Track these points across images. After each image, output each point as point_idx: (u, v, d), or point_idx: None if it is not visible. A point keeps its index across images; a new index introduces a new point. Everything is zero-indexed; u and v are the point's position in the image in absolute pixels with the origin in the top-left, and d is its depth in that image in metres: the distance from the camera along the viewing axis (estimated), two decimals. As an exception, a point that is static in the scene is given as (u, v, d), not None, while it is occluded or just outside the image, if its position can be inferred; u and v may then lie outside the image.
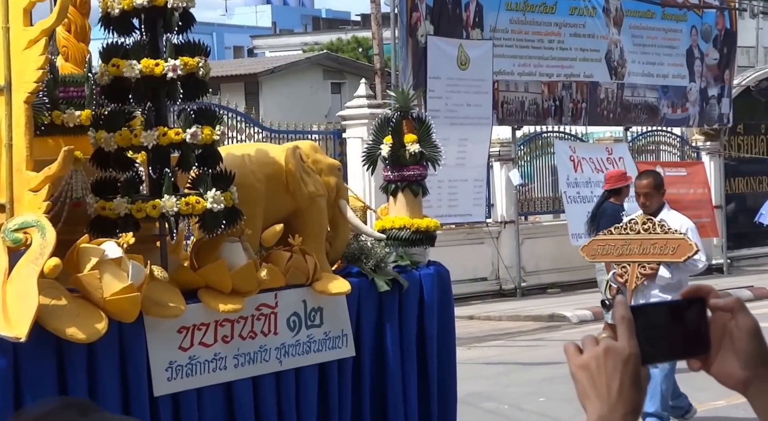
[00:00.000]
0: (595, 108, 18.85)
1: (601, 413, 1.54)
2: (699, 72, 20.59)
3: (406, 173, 6.90)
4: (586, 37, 18.63)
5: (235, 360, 5.74)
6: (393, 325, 6.57)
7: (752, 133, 22.15)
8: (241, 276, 5.63)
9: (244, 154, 6.13)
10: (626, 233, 8.45)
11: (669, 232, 8.26)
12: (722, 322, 1.61)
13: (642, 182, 8.67)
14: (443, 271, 7.06)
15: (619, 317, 1.57)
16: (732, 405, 8.90)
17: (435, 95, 16.20)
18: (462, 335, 14.54)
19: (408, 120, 6.97)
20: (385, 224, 6.93)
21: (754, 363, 1.60)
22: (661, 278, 8.27)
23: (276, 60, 39.63)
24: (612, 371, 1.54)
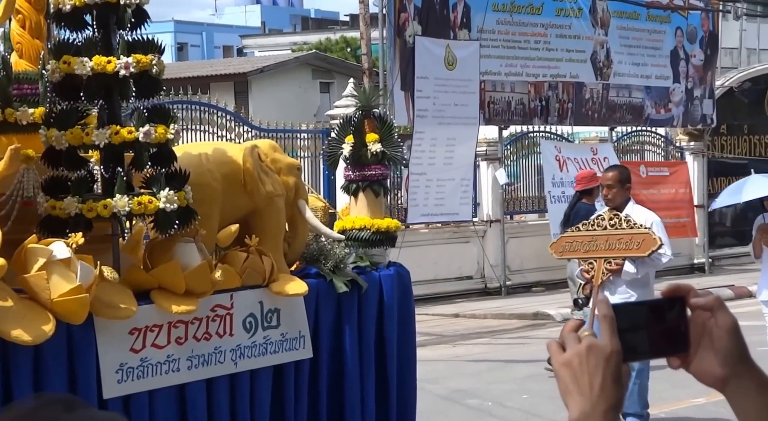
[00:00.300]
0: (580, 108, 18.97)
1: (583, 409, 1.56)
2: (684, 73, 20.71)
3: (368, 173, 6.80)
4: (571, 38, 18.75)
5: (189, 362, 5.64)
6: (351, 326, 6.48)
7: (735, 134, 22.32)
8: (194, 277, 5.52)
9: (201, 154, 6.00)
10: (593, 229, 8.42)
11: (634, 227, 8.24)
12: (702, 320, 1.63)
13: (607, 175, 8.71)
14: (404, 272, 6.97)
15: (601, 315, 1.59)
16: (711, 402, 8.99)
17: (423, 95, 16.29)
18: (447, 333, 14.63)
19: (370, 119, 6.86)
20: (346, 225, 6.83)
21: (733, 361, 1.62)
22: (627, 274, 8.24)
23: (265, 59, 39.73)
24: (594, 368, 1.56)
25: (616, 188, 8.50)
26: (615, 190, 8.50)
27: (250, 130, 17.12)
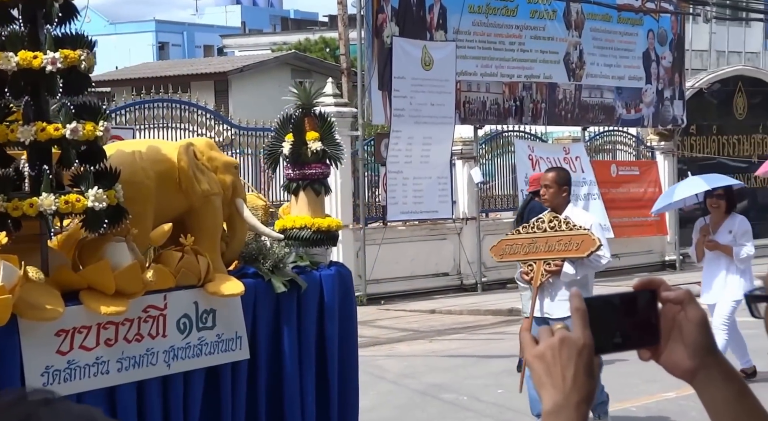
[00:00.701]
0: (553, 108, 19.15)
1: (556, 400, 1.58)
2: (655, 74, 20.92)
3: (308, 172, 6.66)
4: (545, 39, 18.95)
5: (119, 364, 5.47)
6: (291, 326, 6.33)
7: (704, 134, 22.54)
8: (125, 277, 5.35)
9: (135, 151, 5.81)
10: (533, 231, 8.36)
11: (574, 228, 8.15)
12: (672, 313, 1.65)
13: (546, 175, 8.61)
14: (345, 271, 6.83)
15: (573, 308, 1.61)
16: (681, 396, 9.10)
17: (400, 95, 16.43)
18: (424, 328, 14.73)
19: (310, 117, 6.71)
20: (286, 224, 6.67)
21: (701, 353, 1.64)
22: (566, 275, 8.15)
23: (245, 59, 39.88)
24: (566, 360, 1.58)
25: (553, 189, 8.41)
26: (552, 190, 8.41)
27: (230, 128, 17.24)
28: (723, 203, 10.23)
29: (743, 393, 1.64)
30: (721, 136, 22.88)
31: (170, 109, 16.31)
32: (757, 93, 23.70)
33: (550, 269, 8.18)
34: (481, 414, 9.33)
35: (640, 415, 9.28)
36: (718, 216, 10.28)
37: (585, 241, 8.05)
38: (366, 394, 10.42)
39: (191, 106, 16.69)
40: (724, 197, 10.24)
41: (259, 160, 18.13)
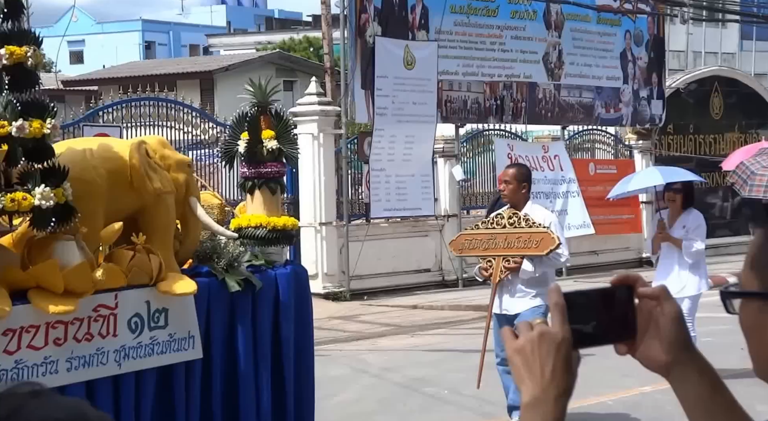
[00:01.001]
0: (534, 107, 19.25)
1: (535, 394, 1.58)
2: (632, 74, 21.06)
3: (263, 170, 6.56)
4: (525, 39, 19.05)
5: (68, 364, 5.36)
6: (245, 326, 6.24)
7: (681, 133, 22.71)
8: (74, 276, 5.25)
9: (86, 149, 5.67)
10: (492, 227, 8.27)
11: (533, 225, 8.09)
12: (648, 309, 1.65)
13: (507, 171, 8.51)
14: (301, 270, 6.73)
15: (552, 303, 1.61)
16: (657, 390, 9.09)
17: (382, 94, 16.46)
18: (406, 324, 14.70)
19: (266, 115, 6.60)
20: (242, 222, 6.56)
21: (676, 348, 1.65)
22: (525, 272, 8.09)
23: (231, 58, 39.97)
24: (545, 355, 1.58)
25: (512, 185, 8.31)
26: (512, 186, 8.31)
27: (216, 126, 17.32)
28: (679, 198, 10.18)
29: (717, 388, 1.65)
30: (698, 136, 23.06)
31: (157, 108, 16.36)
32: (733, 93, 23.85)
33: (509, 265, 8.11)
34: (461, 407, 9.38)
35: (616, 408, 9.31)
36: (674, 210, 10.25)
37: (544, 239, 8.00)
38: (349, 387, 10.50)
39: (177, 105, 16.74)
40: (681, 192, 10.20)
41: (244, 158, 18.28)
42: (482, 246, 8.28)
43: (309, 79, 18.35)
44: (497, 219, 8.30)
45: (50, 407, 1.34)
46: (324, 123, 17.30)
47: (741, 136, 23.84)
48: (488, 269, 8.20)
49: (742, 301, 1.55)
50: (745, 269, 1.55)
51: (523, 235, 8.06)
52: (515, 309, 8.16)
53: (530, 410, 1.59)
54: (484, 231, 8.32)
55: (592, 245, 20.32)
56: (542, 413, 1.58)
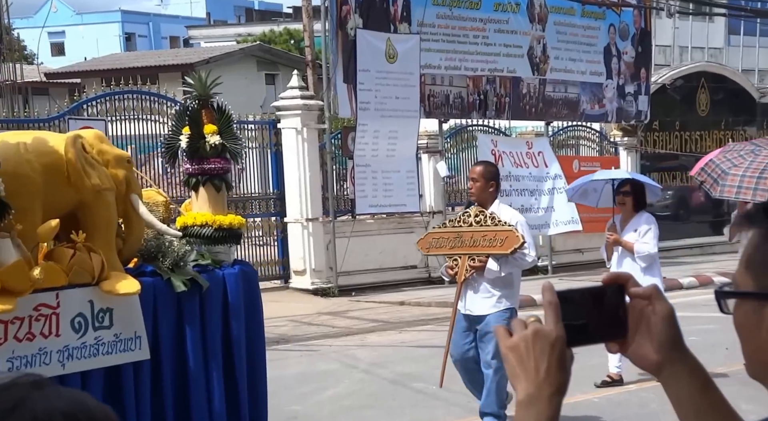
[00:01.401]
0: (517, 103, 19.14)
1: (529, 392, 1.59)
2: (616, 69, 20.92)
3: (207, 167, 6.35)
4: (509, 33, 18.92)
5: (9, 363, 5.27)
6: (194, 327, 6.12)
7: (667, 130, 22.64)
8: (10, 274, 5.12)
9: (20, 143, 5.46)
10: (459, 225, 8.16)
11: (499, 224, 7.98)
12: (640, 307, 1.67)
13: (475, 169, 8.34)
14: (249, 270, 6.59)
15: (546, 301, 1.62)
16: (643, 388, 9.18)
17: (365, 88, 16.36)
18: (393, 320, 14.80)
19: (208, 110, 6.36)
20: (187, 221, 6.36)
21: (668, 347, 1.66)
22: (490, 271, 7.97)
23: (211, 50, 39.79)
24: (540, 353, 1.59)
25: (480, 183, 8.15)
26: (479, 184, 8.15)
27: (197, 120, 17.26)
28: (630, 200, 9.93)
29: (708, 387, 1.66)
30: (684, 132, 23.04)
31: (140, 101, 16.34)
32: (720, 89, 23.82)
33: (474, 264, 8.00)
34: (449, 403, 9.42)
35: (602, 405, 9.34)
36: (625, 213, 10.01)
37: (509, 237, 7.89)
38: (340, 382, 10.69)
39: (159, 98, 16.71)
40: (631, 194, 9.94)
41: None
42: (449, 245, 8.19)
43: (290, 73, 18.28)
44: (464, 217, 8.19)
45: (53, 398, 1.36)
46: (307, 117, 17.25)
47: (727, 133, 23.79)
48: (454, 268, 8.10)
49: (737, 301, 1.54)
50: (740, 268, 1.54)
51: (489, 233, 7.97)
52: (479, 310, 8.07)
53: (525, 408, 1.59)
54: (450, 230, 8.23)
55: (577, 243, 20.24)
56: (536, 412, 1.58)
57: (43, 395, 1.37)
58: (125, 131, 16.21)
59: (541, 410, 1.59)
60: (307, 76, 20.23)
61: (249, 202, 17.61)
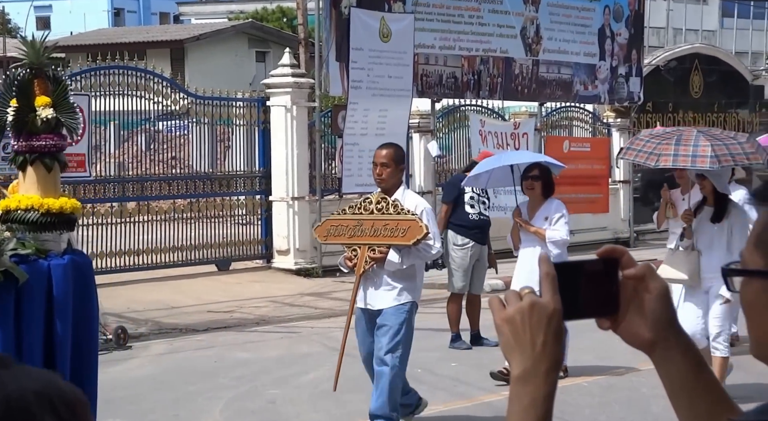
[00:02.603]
0: (510, 83, 19.12)
1: (525, 366, 1.55)
2: (610, 51, 20.91)
3: (36, 143, 5.71)
4: (502, 13, 18.88)
5: None
6: (6, 325, 5.53)
7: (660, 111, 22.67)
8: None
9: None
10: (359, 212, 7.62)
11: (402, 212, 7.44)
12: (632, 284, 1.64)
13: (381, 152, 7.73)
14: (82, 260, 5.95)
15: (543, 273, 1.58)
16: (633, 373, 9.17)
17: (357, 66, 16.27)
18: None
19: (41, 79, 5.74)
20: (11, 204, 5.72)
21: (661, 325, 1.63)
22: (390, 263, 7.46)
23: (202, 27, 39.60)
24: (536, 326, 1.55)
25: (390, 168, 7.61)
26: (389, 169, 7.61)
27: (186, 97, 17.15)
28: (538, 185, 9.45)
29: (700, 367, 1.64)
30: (677, 114, 23.03)
31: (126, 76, 16.16)
32: (713, 71, 23.85)
33: (374, 255, 7.47)
34: (434, 387, 9.37)
35: (592, 389, 9.35)
36: (534, 200, 9.56)
37: (412, 227, 7.34)
38: (322, 365, 10.57)
39: (147, 74, 16.55)
40: (539, 179, 9.45)
41: (215, 130, 18.03)
42: (348, 233, 7.64)
43: (282, 51, 18.22)
44: (365, 204, 7.66)
45: (23, 379, 1.36)
46: (297, 95, 17.22)
47: (720, 116, 23.77)
48: (353, 259, 7.57)
49: (745, 279, 1.50)
50: (748, 246, 1.50)
51: (391, 222, 7.42)
52: (379, 304, 7.60)
53: (521, 384, 1.55)
54: (350, 217, 7.67)
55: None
56: (533, 387, 1.54)
57: (13, 375, 1.36)
58: (109, 107, 16.04)
59: (538, 386, 1.54)
60: (299, 54, 20.11)
61: (233, 180, 17.53)
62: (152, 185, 16.56)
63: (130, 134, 17.32)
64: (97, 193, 15.81)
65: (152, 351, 11.60)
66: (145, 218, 16.41)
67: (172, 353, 11.58)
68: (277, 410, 9.14)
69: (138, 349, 11.60)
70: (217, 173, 17.74)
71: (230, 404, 9.31)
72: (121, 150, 17.63)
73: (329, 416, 8.84)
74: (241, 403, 9.32)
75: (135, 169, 16.92)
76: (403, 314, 7.59)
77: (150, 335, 12.45)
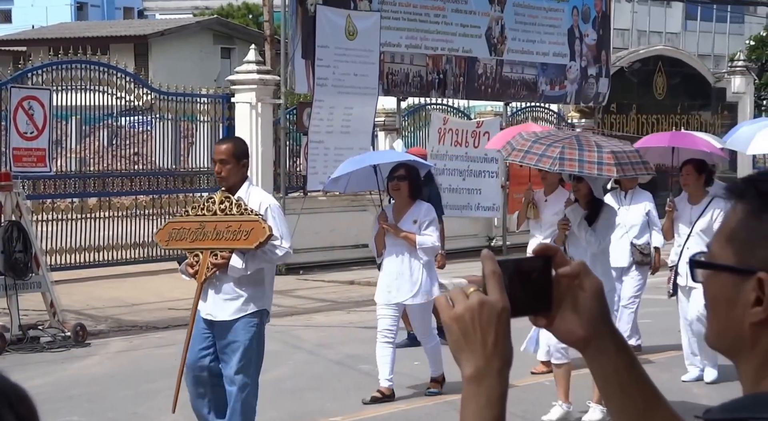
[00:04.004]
0: (472, 83, 19.12)
1: (478, 365, 1.54)
2: (579, 51, 21.01)
3: None
4: (467, 13, 18.89)
5: None
6: None
7: (624, 112, 22.85)
8: None
9: None
10: (202, 214, 7.00)
11: (245, 213, 6.83)
12: (566, 282, 1.64)
13: (220, 147, 7.08)
14: None
15: (489, 271, 1.56)
16: None
17: (323, 64, 16.29)
18: (342, 299, 14.74)
19: None
20: None
21: (595, 322, 1.63)
22: (234, 269, 6.85)
23: (166, 23, 39.40)
24: (487, 324, 1.54)
25: (230, 164, 6.97)
26: (230, 166, 6.97)
27: (150, 92, 17.07)
28: (405, 186, 8.73)
29: (634, 364, 1.65)
30: (641, 115, 23.21)
31: (89, 71, 16.05)
32: (677, 73, 24.08)
33: (216, 260, 6.85)
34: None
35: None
36: (400, 202, 8.83)
37: (255, 229, 6.76)
38: (283, 363, 10.55)
39: (110, 69, 16.44)
40: (406, 179, 8.74)
41: (178, 126, 17.92)
42: (190, 237, 7.01)
43: (247, 47, 18.16)
44: (208, 204, 7.02)
45: None
46: (262, 92, 17.19)
47: (683, 117, 23.95)
48: (194, 266, 6.93)
49: (712, 272, 1.50)
50: (719, 240, 1.50)
51: (233, 224, 6.82)
52: (222, 314, 6.95)
53: (474, 383, 1.54)
54: (193, 219, 7.06)
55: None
56: (487, 387, 1.53)
57: None
58: (71, 102, 15.90)
59: (492, 385, 1.54)
60: (264, 50, 20.05)
61: (197, 176, 17.45)
62: (114, 181, 16.43)
63: (92, 129, 17.21)
64: (58, 189, 15.67)
65: (111, 349, 11.51)
66: (106, 214, 16.29)
67: (131, 350, 11.50)
68: (238, 408, 9.09)
69: (97, 346, 11.51)
70: (181, 170, 17.64)
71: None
72: (82, 145, 17.51)
73: (289, 414, 8.80)
74: (201, 401, 9.26)
75: (96, 165, 16.80)
76: (253, 328, 6.97)
77: (109, 332, 12.35)
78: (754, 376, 1.47)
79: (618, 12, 24.27)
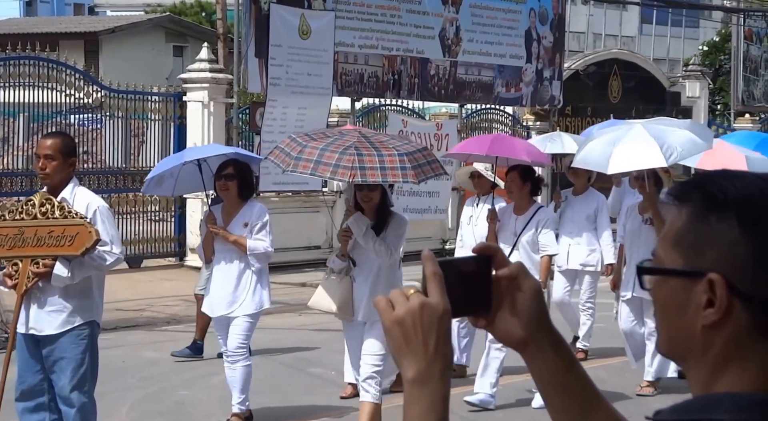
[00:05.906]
0: (426, 84, 19.05)
1: (420, 368, 1.54)
2: (536, 53, 20.97)
3: None
4: (420, 14, 18.80)
5: None
6: None
7: (580, 115, 22.93)
8: None
9: None
10: (21, 218, 6.44)
11: (69, 216, 6.30)
12: (505, 283, 1.64)
13: (45, 142, 6.55)
14: None
15: (430, 272, 1.56)
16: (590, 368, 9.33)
17: (276, 63, 16.22)
18: (293, 301, 14.50)
19: None
20: None
21: (534, 324, 1.64)
22: (57, 278, 6.31)
23: (117, 20, 39.01)
24: (428, 327, 1.54)
25: (57, 160, 6.46)
26: (56, 163, 6.46)
27: (100, 90, 16.88)
28: (233, 185, 8.08)
29: (572, 365, 1.66)
30: (596, 119, 23.16)
31: (37, 68, 15.81)
32: (632, 77, 24.23)
33: (38, 269, 6.33)
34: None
35: (507, 394, 9.36)
36: (230, 203, 8.18)
37: (81, 233, 6.24)
38: None
39: (59, 65, 16.23)
40: (234, 178, 8.09)
41: (129, 124, 17.67)
42: (8, 244, 6.45)
43: (200, 45, 18.09)
44: (28, 207, 6.46)
45: None
46: (215, 91, 17.11)
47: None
48: (13, 276, 6.38)
49: (660, 278, 1.49)
50: (665, 245, 1.49)
51: (56, 228, 6.28)
52: (48, 328, 6.41)
53: (417, 387, 1.53)
54: (11, 224, 6.48)
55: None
56: (430, 390, 1.53)
57: None
58: (19, 99, 15.64)
59: (436, 388, 1.53)
60: (217, 49, 19.88)
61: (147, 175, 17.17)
62: (62, 180, 16.14)
63: (41, 127, 16.93)
64: (4, 187, 15.43)
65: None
66: (54, 214, 16.01)
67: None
68: (186, 411, 9.05)
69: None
70: (131, 169, 17.42)
71: (137, 404, 9.19)
72: (30, 143, 17.21)
73: (239, 419, 8.68)
74: (149, 404, 9.22)
75: (45, 163, 16.49)
76: (84, 341, 6.46)
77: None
78: (706, 381, 1.45)
79: (574, 15, 24.34)
